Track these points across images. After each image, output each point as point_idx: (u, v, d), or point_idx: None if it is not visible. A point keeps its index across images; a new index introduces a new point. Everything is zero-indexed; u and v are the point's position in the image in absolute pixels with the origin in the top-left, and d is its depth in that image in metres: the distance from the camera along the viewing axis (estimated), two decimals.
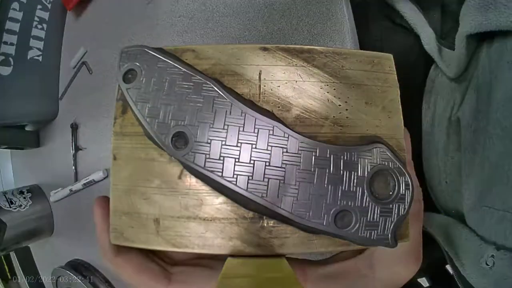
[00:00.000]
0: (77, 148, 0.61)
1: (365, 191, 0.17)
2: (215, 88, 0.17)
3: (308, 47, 0.19)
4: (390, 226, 0.16)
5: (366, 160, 0.17)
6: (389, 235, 0.16)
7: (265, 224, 0.18)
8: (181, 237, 0.18)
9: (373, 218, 0.16)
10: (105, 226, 0.19)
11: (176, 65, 0.18)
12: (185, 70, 0.18)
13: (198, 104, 0.17)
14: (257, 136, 0.17)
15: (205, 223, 0.18)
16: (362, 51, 0.19)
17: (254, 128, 0.17)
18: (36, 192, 0.65)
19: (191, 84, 0.18)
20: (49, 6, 0.64)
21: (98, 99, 0.58)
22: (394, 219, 0.16)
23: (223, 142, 0.17)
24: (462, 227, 0.27)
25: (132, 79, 0.18)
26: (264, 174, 0.17)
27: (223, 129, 0.17)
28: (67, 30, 0.68)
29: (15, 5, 0.59)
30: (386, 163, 0.17)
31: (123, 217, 0.18)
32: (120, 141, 0.19)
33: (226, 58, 0.19)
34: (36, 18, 0.62)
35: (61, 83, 0.67)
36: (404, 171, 0.17)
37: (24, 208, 0.61)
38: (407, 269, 0.20)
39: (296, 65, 0.18)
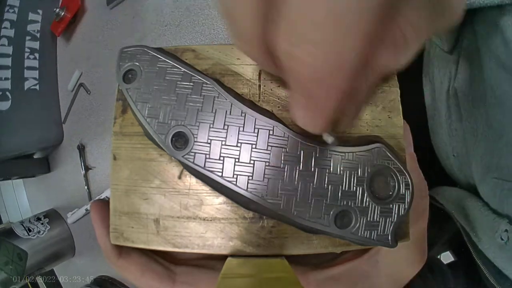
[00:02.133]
0: (87, 168, 0.63)
1: (365, 191, 0.17)
2: (215, 88, 0.17)
3: None
4: (390, 226, 0.16)
5: (366, 160, 0.17)
6: (389, 235, 0.16)
7: (265, 224, 0.18)
8: (181, 237, 0.18)
9: (373, 218, 0.16)
10: (104, 229, 0.19)
11: (176, 65, 0.18)
12: (185, 70, 0.18)
13: (198, 104, 0.17)
14: (257, 136, 0.17)
15: (205, 223, 0.18)
16: None
17: (254, 128, 0.17)
18: (53, 216, 0.66)
19: (191, 84, 0.18)
20: (38, 35, 0.65)
21: (100, 117, 0.59)
22: (394, 219, 0.16)
23: (223, 142, 0.17)
24: (475, 200, 0.26)
25: (132, 79, 0.18)
26: (264, 174, 0.17)
27: (223, 129, 0.17)
28: (60, 55, 0.69)
29: (3, 40, 0.60)
30: (386, 163, 0.17)
31: (123, 217, 0.18)
32: (120, 141, 0.19)
33: (226, 58, 0.19)
34: (27, 50, 0.63)
35: (62, 107, 0.68)
36: (404, 171, 0.17)
37: (42, 233, 0.62)
38: (411, 266, 0.20)
39: None
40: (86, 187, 0.62)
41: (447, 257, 0.43)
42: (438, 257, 0.42)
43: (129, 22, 0.56)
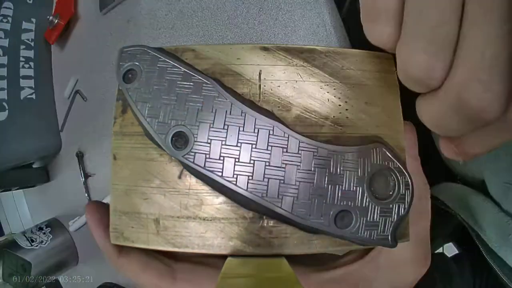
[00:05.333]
0: (86, 176, 0.62)
1: (365, 191, 0.17)
2: (215, 88, 0.17)
3: (309, 47, 0.19)
4: (390, 226, 0.16)
5: (366, 160, 0.17)
6: (389, 235, 0.16)
7: (265, 224, 0.18)
8: (181, 237, 0.18)
9: (373, 218, 0.16)
10: (102, 229, 0.19)
11: (176, 64, 0.18)
12: (185, 69, 0.18)
13: (198, 104, 0.17)
14: (257, 136, 0.17)
15: (205, 223, 0.18)
16: (362, 51, 0.19)
17: (254, 128, 0.17)
18: (55, 226, 0.66)
19: (191, 84, 0.18)
20: (32, 44, 0.65)
21: (98, 124, 0.59)
22: (394, 219, 0.16)
23: (223, 142, 0.17)
24: (482, 198, 0.26)
25: (132, 79, 0.18)
26: (264, 174, 0.17)
27: (223, 129, 0.17)
28: (55, 63, 0.69)
29: None
30: (386, 163, 0.17)
31: (123, 217, 0.18)
32: (120, 141, 0.19)
33: (226, 57, 0.19)
34: (22, 59, 0.63)
35: (59, 115, 0.68)
36: (404, 171, 0.17)
37: (45, 243, 0.62)
38: (415, 270, 0.19)
39: (296, 65, 0.18)
40: (86, 195, 0.62)
41: (450, 250, 0.43)
42: (441, 248, 0.42)
43: (123, 27, 0.56)
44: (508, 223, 0.23)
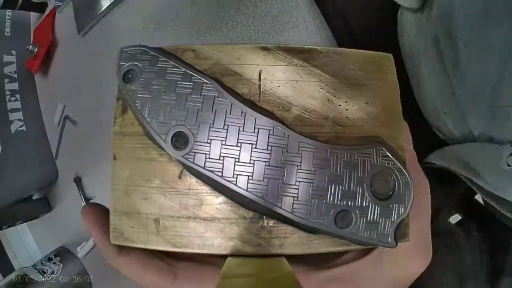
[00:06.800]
0: (87, 199, 0.63)
1: (365, 191, 0.17)
2: (215, 88, 0.17)
3: (309, 47, 0.19)
4: (390, 226, 0.16)
5: (366, 160, 0.17)
6: (389, 235, 0.16)
7: (265, 224, 0.18)
8: (181, 237, 0.18)
9: (373, 218, 0.16)
10: (100, 230, 0.19)
11: (176, 64, 0.18)
12: (185, 70, 0.18)
13: (198, 104, 0.17)
14: (257, 136, 0.17)
15: (205, 223, 0.18)
16: (362, 51, 0.19)
17: (254, 128, 0.17)
18: (63, 254, 0.66)
19: (191, 84, 0.18)
20: (15, 76, 0.65)
21: (91, 146, 0.59)
22: (394, 219, 0.16)
23: (223, 142, 0.17)
24: (473, 144, 0.26)
25: (132, 79, 0.18)
26: (264, 174, 0.17)
27: (223, 129, 0.17)
28: (41, 92, 0.69)
29: None
30: (386, 163, 0.17)
31: (123, 217, 0.18)
32: (120, 141, 0.19)
33: (226, 57, 0.19)
34: (7, 92, 0.63)
35: (51, 143, 0.68)
36: (404, 171, 0.17)
37: (57, 273, 0.61)
38: (417, 264, 0.19)
39: (296, 65, 0.18)
40: None
41: (455, 219, 0.43)
42: (448, 220, 0.42)
43: (103, 46, 0.56)
44: (497, 149, 0.23)
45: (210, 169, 0.17)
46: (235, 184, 0.17)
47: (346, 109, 0.18)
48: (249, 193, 0.17)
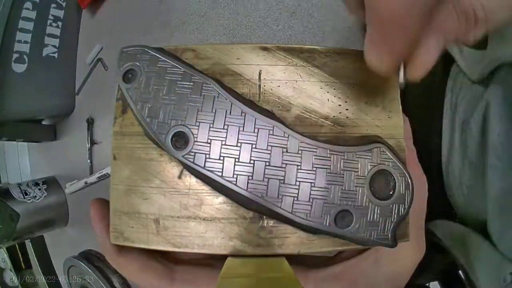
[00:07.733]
0: (92, 142, 0.63)
1: (365, 191, 0.17)
2: (215, 88, 0.17)
3: (309, 46, 0.19)
4: (390, 226, 0.16)
5: (366, 160, 0.17)
6: (389, 235, 0.16)
7: (265, 224, 0.18)
8: (181, 237, 0.18)
9: (373, 218, 0.16)
10: (104, 227, 0.19)
11: (176, 65, 0.18)
12: (185, 70, 0.18)
13: (198, 104, 0.17)
14: (257, 136, 0.17)
15: (205, 223, 0.18)
16: (362, 51, 0.19)
17: (254, 128, 0.17)
18: (51, 184, 0.66)
19: (191, 84, 0.18)
20: (63, 4, 0.65)
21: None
22: (394, 219, 0.16)
23: (223, 142, 0.17)
24: (482, 240, 0.26)
25: (132, 79, 0.18)
26: (264, 174, 0.17)
27: (223, 129, 0.17)
28: (83, 28, 0.69)
29: (28, 4, 0.60)
30: (386, 163, 0.17)
31: (123, 217, 0.18)
32: (120, 141, 0.19)
33: (226, 57, 0.19)
34: (50, 17, 0.63)
35: (77, 79, 0.68)
36: (404, 171, 0.17)
37: (38, 199, 0.62)
38: (412, 259, 0.20)
39: (296, 65, 0.18)
40: (89, 161, 0.62)
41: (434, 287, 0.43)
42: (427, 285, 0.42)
43: (156, 6, 0.57)
44: (502, 262, 0.23)
45: (210, 169, 0.17)
46: (235, 184, 0.17)
47: (346, 109, 0.18)
48: (249, 193, 0.17)
